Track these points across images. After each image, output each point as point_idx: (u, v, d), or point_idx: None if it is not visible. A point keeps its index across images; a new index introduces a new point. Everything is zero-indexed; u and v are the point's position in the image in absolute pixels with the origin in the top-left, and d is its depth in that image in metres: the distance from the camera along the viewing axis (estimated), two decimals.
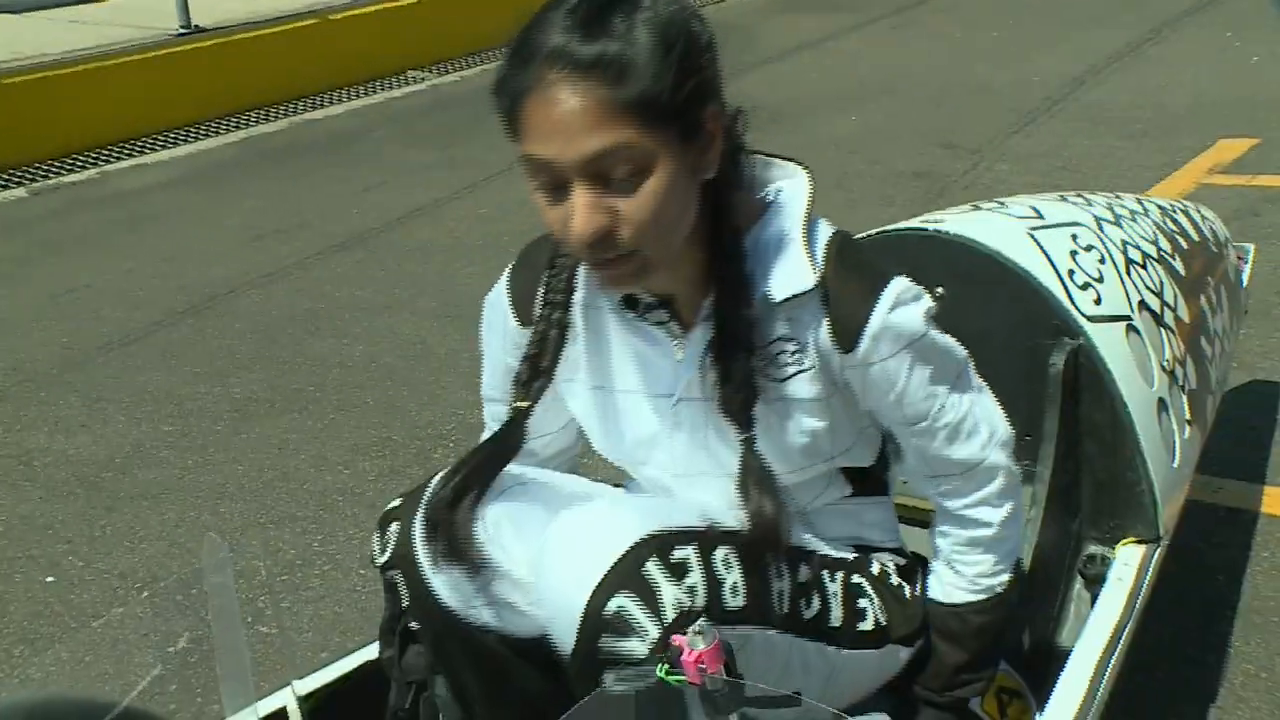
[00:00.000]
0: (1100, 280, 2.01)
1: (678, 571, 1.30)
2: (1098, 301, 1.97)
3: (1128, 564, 1.87)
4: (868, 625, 1.53)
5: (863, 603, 1.54)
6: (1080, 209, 2.19)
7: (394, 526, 1.45)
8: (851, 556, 1.57)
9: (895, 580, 1.59)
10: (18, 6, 8.08)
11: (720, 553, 1.35)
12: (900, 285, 1.40)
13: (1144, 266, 2.15)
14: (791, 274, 1.37)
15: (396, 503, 1.48)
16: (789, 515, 1.39)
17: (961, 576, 1.57)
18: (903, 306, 1.39)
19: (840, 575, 1.52)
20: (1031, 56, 7.12)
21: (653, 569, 1.29)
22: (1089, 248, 2.06)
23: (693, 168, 1.28)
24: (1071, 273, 1.98)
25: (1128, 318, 2.00)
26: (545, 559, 1.35)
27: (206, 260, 4.89)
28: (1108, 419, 1.91)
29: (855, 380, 1.43)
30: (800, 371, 1.42)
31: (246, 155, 6.41)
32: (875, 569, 1.58)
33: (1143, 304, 2.06)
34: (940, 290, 1.68)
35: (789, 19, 8.94)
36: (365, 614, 2.59)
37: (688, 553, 1.32)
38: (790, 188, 1.42)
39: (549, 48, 1.21)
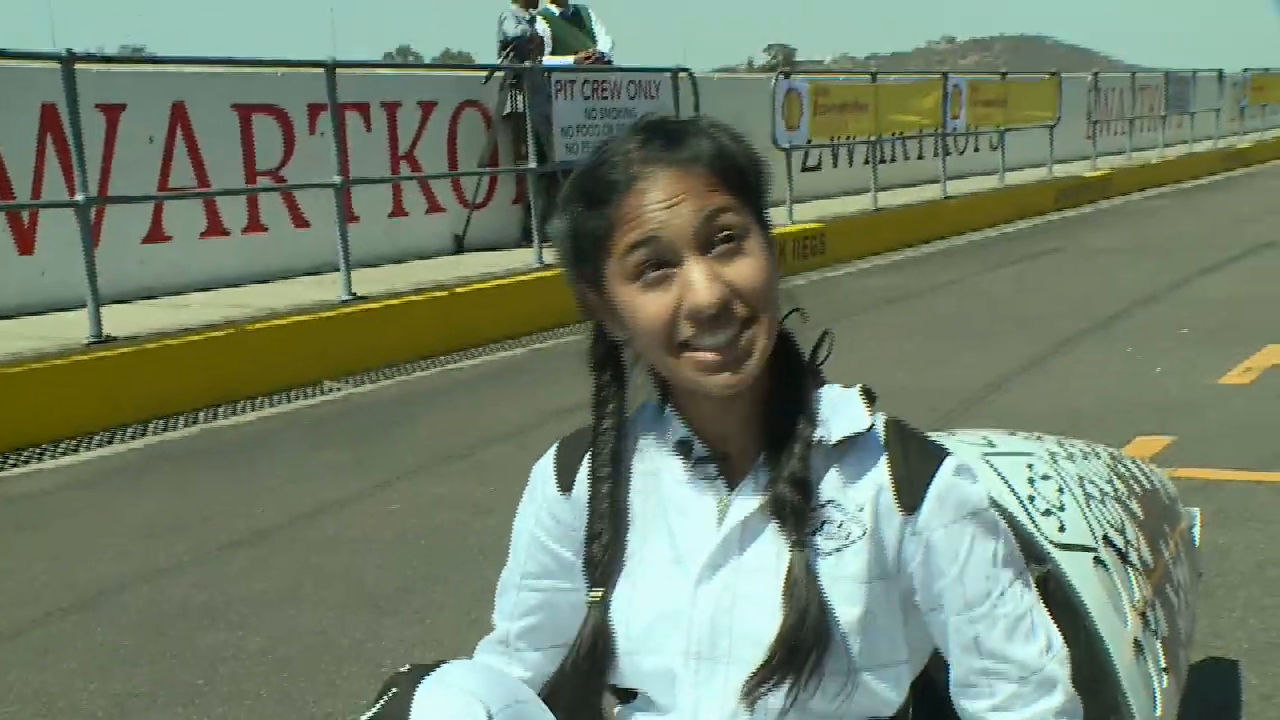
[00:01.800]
0: (1061, 509, 1.89)
1: None
2: (1061, 529, 1.84)
3: None
4: None
5: None
6: (1031, 442, 2.10)
7: (393, 691, 1.30)
8: None
9: None
10: None
11: None
12: (960, 460, 1.37)
13: (1102, 502, 2.03)
14: (848, 418, 1.39)
15: (405, 668, 1.34)
16: (831, 629, 1.30)
17: None
18: (966, 477, 1.36)
19: None
20: (943, 365, 7.27)
21: None
22: (1045, 477, 1.95)
23: (771, 255, 1.35)
24: (1031, 498, 1.86)
25: (1093, 549, 1.86)
26: None
27: (96, 558, 4.59)
28: (1084, 654, 1.73)
29: (913, 554, 1.32)
30: (844, 546, 1.32)
31: (149, 458, 6.19)
32: None
33: (1106, 539, 1.93)
34: None
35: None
36: None
37: None
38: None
39: (638, 157, 1.31)
